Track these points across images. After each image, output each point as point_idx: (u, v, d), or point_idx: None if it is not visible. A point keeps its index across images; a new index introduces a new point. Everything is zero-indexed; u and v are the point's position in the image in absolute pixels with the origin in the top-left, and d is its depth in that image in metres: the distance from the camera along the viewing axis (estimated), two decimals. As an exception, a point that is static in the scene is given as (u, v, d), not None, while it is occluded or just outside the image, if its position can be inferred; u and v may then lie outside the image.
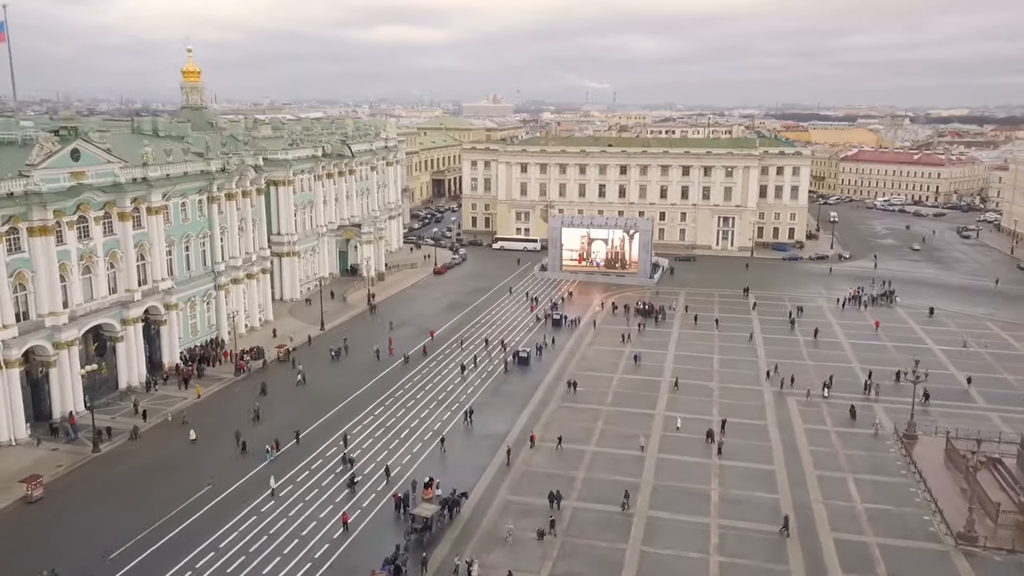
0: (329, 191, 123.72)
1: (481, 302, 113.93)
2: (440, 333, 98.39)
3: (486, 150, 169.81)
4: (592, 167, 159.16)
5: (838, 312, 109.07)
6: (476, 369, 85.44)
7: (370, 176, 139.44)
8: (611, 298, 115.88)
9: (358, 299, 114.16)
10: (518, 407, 74.75)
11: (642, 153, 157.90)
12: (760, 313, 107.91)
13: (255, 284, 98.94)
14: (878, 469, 62.67)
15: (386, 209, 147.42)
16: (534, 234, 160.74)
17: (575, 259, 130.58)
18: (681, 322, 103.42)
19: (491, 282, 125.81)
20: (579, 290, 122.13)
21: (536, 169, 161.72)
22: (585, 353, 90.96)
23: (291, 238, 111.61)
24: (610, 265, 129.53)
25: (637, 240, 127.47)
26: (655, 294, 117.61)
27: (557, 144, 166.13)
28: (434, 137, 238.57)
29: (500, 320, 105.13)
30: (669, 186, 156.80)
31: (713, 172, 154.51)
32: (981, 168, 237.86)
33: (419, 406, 75.26)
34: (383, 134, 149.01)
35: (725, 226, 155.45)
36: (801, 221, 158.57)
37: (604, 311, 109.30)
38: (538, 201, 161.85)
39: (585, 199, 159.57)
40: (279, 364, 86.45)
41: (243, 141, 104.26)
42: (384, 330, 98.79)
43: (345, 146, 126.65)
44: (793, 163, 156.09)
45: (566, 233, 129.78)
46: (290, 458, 63.76)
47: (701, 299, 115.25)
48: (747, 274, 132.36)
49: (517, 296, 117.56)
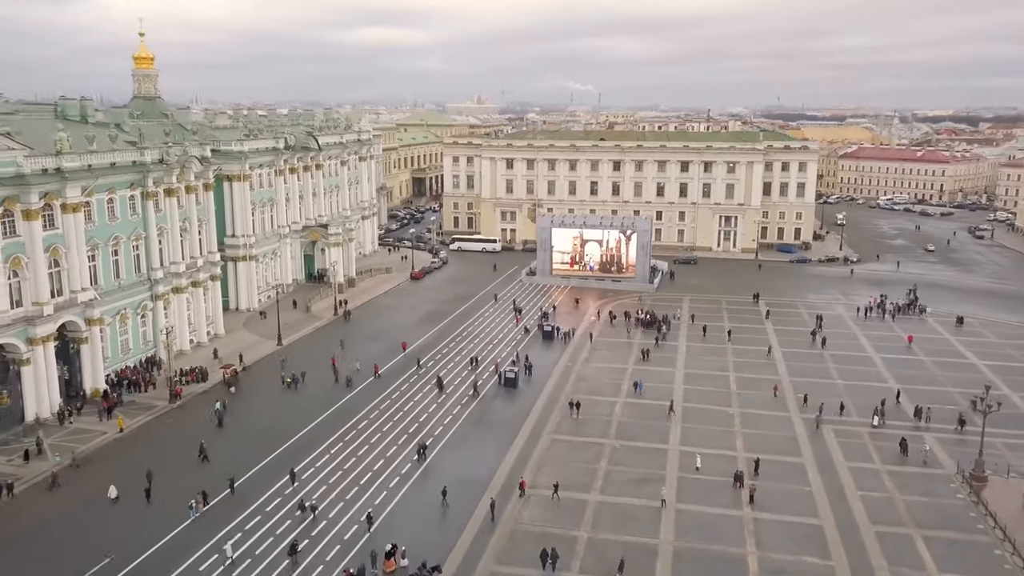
0: (292, 188, 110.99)
1: (463, 311, 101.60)
2: (415, 347, 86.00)
3: (469, 145, 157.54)
4: (583, 163, 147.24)
5: (861, 322, 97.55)
6: (456, 392, 73.13)
7: (340, 172, 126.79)
8: (608, 306, 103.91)
9: (323, 308, 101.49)
10: (504, 442, 62.44)
11: (637, 147, 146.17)
12: (775, 323, 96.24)
13: (202, 293, 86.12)
14: (948, 522, 50.90)
15: (359, 208, 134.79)
16: (522, 236, 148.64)
17: (566, 262, 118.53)
18: (688, 334, 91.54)
19: (474, 288, 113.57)
20: (571, 297, 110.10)
21: (523, 165, 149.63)
22: (582, 372, 78.83)
23: (247, 240, 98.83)
24: (605, 269, 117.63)
25: (635, 241, 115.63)
26: (656, 301, 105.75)
27: (545, 138, 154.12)
28: (414, 133, 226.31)
29: (484, 333, 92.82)
30: (667, 183, 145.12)
31: (714, 168, 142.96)
32: (986, 165, 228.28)
33: (386, 440, 62.77)
34: (355, 127, 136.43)
35: (727, 226, 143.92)
36: (808, 221, 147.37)
37: (601, 321, 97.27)
38: (525, 200, 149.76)
39: (576, 197, 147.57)
40: (226, 388, 73.72)
41: (191, 130, 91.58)
42: (358, 342, 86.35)
43: (311, 138, 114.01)
44: (800, 158, 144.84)
45: (556, 234, 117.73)
46: (221, 514, 51.18)
47: (707, 307, 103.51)
48: (755, 278, 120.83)
49: (503, 304, 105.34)
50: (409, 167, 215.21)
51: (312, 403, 70.00)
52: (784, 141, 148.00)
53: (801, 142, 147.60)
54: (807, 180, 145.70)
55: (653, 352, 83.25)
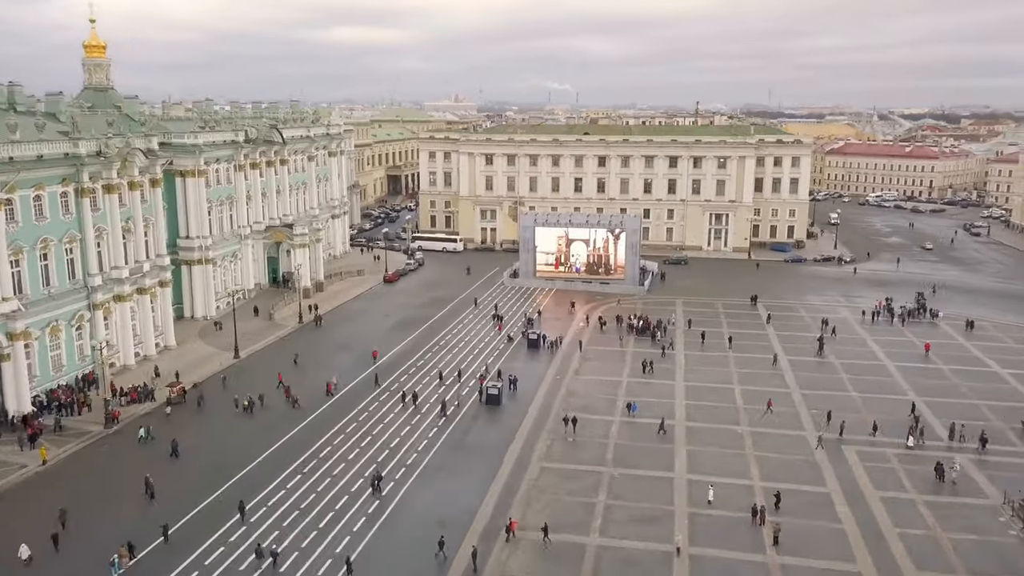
0: (255, 184, 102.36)
1: (440, 317, 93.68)
2: (388, 360, 78.03)
3: (446, 140, 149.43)
4: (566, 158, 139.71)
5: (869, 327, 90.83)
6: (433, 412, 65.24)
7: (307, 168, 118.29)
8: (597, 310, 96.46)
9: (288, 316, 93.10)
10: (487, 471, 54.65)
11: (623, 142, 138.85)
12: (777, 328, 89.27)
13: (149, 301, 77.51)
14: (1005, 566, 43.84)
15: (328, 207, 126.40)
16: (503, 235, 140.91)
17: (551, 264, 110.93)
18: (686, 341, 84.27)
19: (452, 291, 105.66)
20: (557, 301, 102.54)
21: (503, 161, 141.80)
22: (572, 387, 71.21)
23: (203, 242, 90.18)
24: (592, 270, 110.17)
25: (624, 241, 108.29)
26: (648, 305, 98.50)
27: (526, 132, 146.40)
28: (389, 129, 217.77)
29: (463, 342, 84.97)
30: (654, 179, 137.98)
31: (704, 163, 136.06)
32: (974, 161, 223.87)
33: (351, 472, 54.80)
34: (324, 120, 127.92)
35: (718, 224, 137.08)
36: (802, 218, 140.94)
37: (590, 327, 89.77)
38: (505, 197, 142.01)
39: (559, 195, 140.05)
40: (173, 408, 65.25)
41: (138, 121, 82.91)
42: (326, 352, 78.26)
43: (274, 131, 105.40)
44: (792, 152, 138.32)
45: (540, 233, 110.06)
46: (151, 570, 42.93)
47: (703, 311, 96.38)
48: (751, 279, 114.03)
49: (484, 309, 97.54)
50: (384, 164, 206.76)
51: (267, 428, 61.79)
52: (776, 135, 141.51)
53: (793, 136, 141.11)
54: (800, 176, 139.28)
55: (650, 362, 75.68)
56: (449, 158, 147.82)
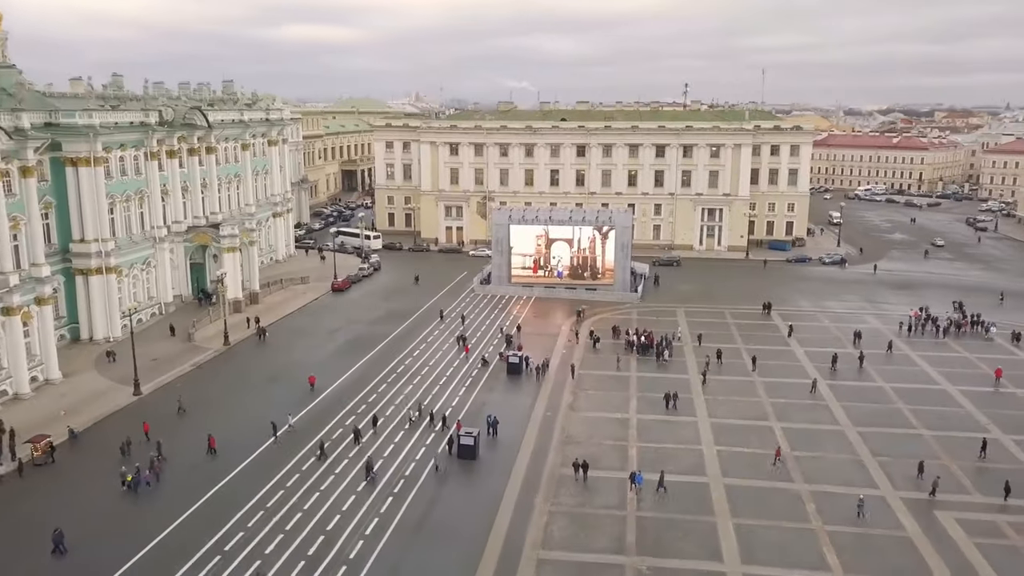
0: (173, 177, 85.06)
1: (399, 335, 77.53)
2: (331, 393, 61.72)
3: (404, 127, 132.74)
4: (541, 147, 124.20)
5: (909, 340, 76.82)
6: (388, 471, 49.15)
7: (241, 158, 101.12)
8: (585, 323, 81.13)
9: (211, 336, 76.14)
10: (459, 571, 38.73)
11: (605, 129, 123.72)
12: (803, 342, 74.84)
13: (19, 323, 60.12)
14: None
15: (268, 204, 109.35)
16: (470, 235, 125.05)
17: (529, 267, 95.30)
18: (699, 361, 69.27)
19: (413, 302, 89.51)
20: (538, 311, 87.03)
21: (469, 151, 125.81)
22: (569, 428, 55.62)
23: (103, 246, 72.69)
24: (576, 275, 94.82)
25: (613, 240, 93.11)
26: (644, 315, 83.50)
27: (496, 118, 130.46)
28: (344, 121, 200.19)
29: (426, 367, 68.93)
30: (640, 170, 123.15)
31: (695, 152, 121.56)
32: (962, 153, 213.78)
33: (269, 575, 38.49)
34: (263, 104, 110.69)
35: (711, 220, 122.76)
36: (802, 213, 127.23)
37: (580, 345, 74.37)
38: (473, 192, 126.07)
39: (534, 188, 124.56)
40: (35, 470, 48.28)
41: (13, 95, 65.42)
42: (253, 384, 61.66)
43: (197, 113, 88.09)
44: (792, 140, 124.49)
45: (516, 232, 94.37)
46: None
47: (710, 321, 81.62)
48: (755, 282, 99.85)
49: (451, 324, 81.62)
50: (338, 158, 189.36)
51: (157, 504, 45.08)
52: (773, 121, 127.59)
53: (792, 122, 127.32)
54: (800, 166, 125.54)
55: (674, 395, 60.29)
56: (408, 148, 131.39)
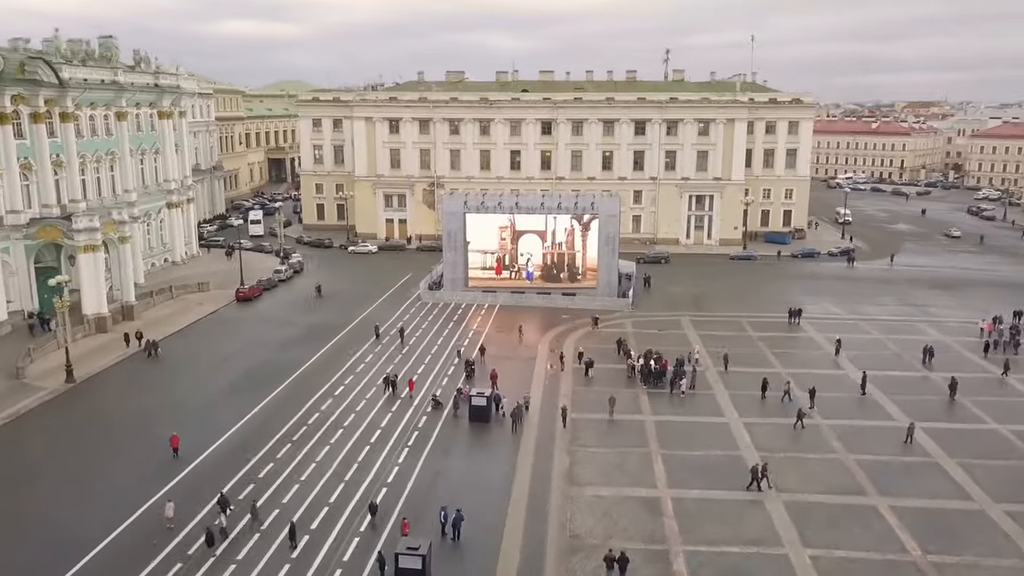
0: (6, 151, 62.62)
1: (316, 364, 56.63)
2: (203, 464, 40.69)
3: (335, 102, 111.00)
4: (499, 124, 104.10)
5: (992, 359, 58.91)
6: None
7: (118, 130, 78.61)
8: (568, 340, 61.41)
9: (48, 371, 54.17)
10: None
11: (575, 102, 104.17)
12: (855, 362, 56.21)
13: None
14: None
15: (160, 192, 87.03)
16: (416, 228, 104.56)
17: (491, 267, 75.23)
18: (733, 395, 50.09)
19: (341, 314, 68.68)
20: (503, 324, 67.00)
21: (413, 128, 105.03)
22: (572, 517, 35.61)
23: None
24: (551, 276, 75.10)
25: (596, 232, 73.72)
26: (640, 327, 64.18)
27: (445, 90, 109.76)
28: (272, 104, 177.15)
29: (352, 413, 48.28)
30: (616, 151, 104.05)
31: (681, 129, 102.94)
32: (942, 140, 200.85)
33: None
34: (149, 66, 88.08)
35: (699, 209, 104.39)
36: (802, 201, 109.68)
37: (568, 373, 54.50)
38: (418, 178, 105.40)
39: (490, 173, 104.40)
40: None
41: None
42: (92, 438, 40.30)
43: (41, 66, 65.53)
44: (790, 116, 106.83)
45: (474, 223, 74.21)
46: None
47: (729, 335, 62.77)
48: (764, 281, 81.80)
49: (390, 345, 61.02)
50: (264, 145, 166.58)
51: None
52: (768, 93, 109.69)
53: (791, 95, 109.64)
54: (800, 146, 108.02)
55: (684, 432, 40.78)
56: (340, 127, 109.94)
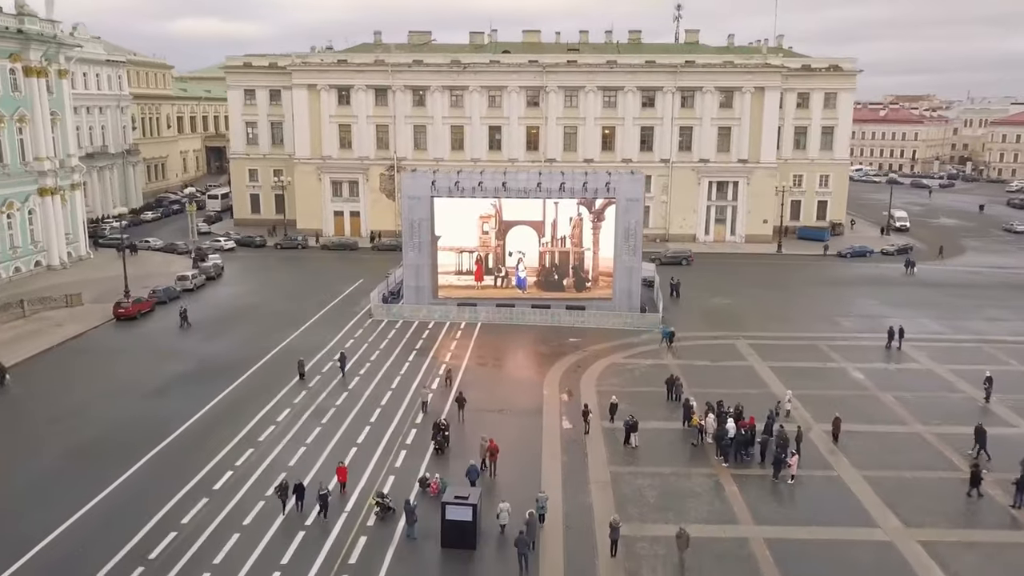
0: None
1: (199, 424, 35.93)
2: None
3: (271, 69, 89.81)
4: (475, 93, 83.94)
5: None
6: None
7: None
8: (588, 378, 41.44)
9: None
10: None
11: (568, 65, 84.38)
12: None
13: None
14: None
15: (28, 174, 65.48)
16: (373, 223, 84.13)
17: (469, 271, 54.91)
18: (872, 483, 30.49)
19: (257, 339, 48.03)
20: (486, 353, 46.84)
21: (367, 99, 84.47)
22: None
23: None
24: (551, 283, 55.00)
25: (611, 222, 53.81)
26: (682, 355, 44.52)
27: (407, 52, 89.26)
28: (211, 86, 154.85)
29: (228, 534, 27.78)
30: (619, 127, 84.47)
31: (698, 100, 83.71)
32: (951, 130, 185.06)
33: None
34: (12, 9, 66.51)
35: (721, 198, 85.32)
36: (840, 189, 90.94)
37: (595, 437, 34.47)
38: (374, 160, 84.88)
39: (463, 154, 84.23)
40: None
41: None
42: None
43: None
44: (827, 86, 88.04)
45: (445, 212, 53.91)
46: None
47: (811, 367, 43.63)
48: (816, 289, 62.74)
49: (317, 395, 40.56)
50: (201, 132, 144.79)
51: None
52: (798, 59, 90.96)
53: (827, 60, 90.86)
54: (838, 122, 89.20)
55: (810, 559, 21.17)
56: (278, 100, 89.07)
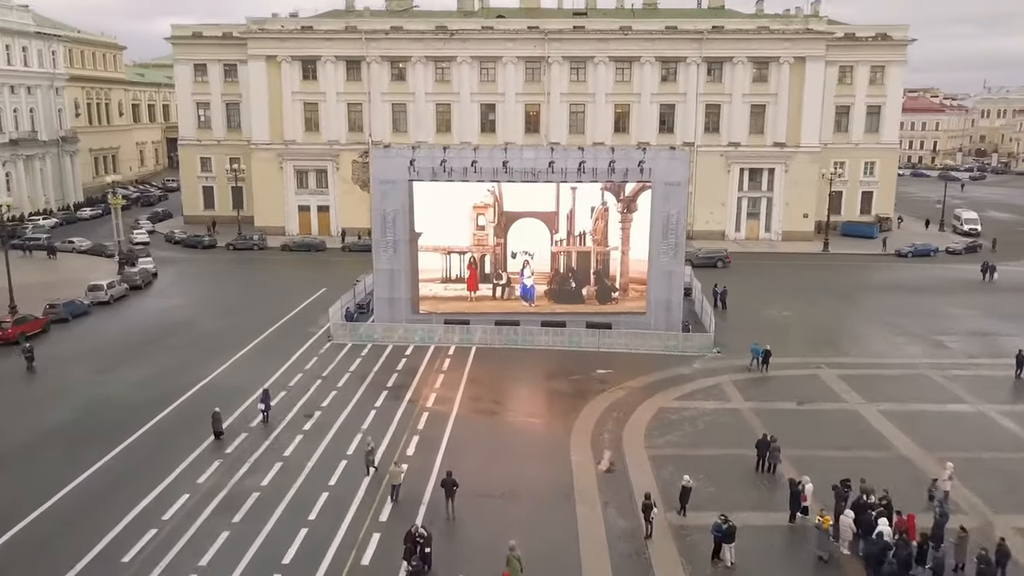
0: None
1: (57, 517, 22.83)
2: None
3: (225, 40, 76.63)
4: (464, 65, 70.96)
5: None
6: None
7: None
8: (633, 430, 28.62)
9: None
10: None
11: (574, 32, 71.60)
12: None
13: None
14: None
15: None
16: (344, 220, 71.06)
17: (459, 277, 41.92)
18: None
19: (172, 375, 34.91)
20: (486, 394, 33.91)
21: (338, 72, 71.37)
22: None
23: None
24: (566, 293, 42.09)
25: (644, 213, 41.00)
26: (742, 389, 31.83)
27: (385, 19, 76.15)
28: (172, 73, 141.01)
29: None
30: (634, 104, 71.70)
31: (727, 72, 71.09)
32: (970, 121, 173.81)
33: None
34: None
35: (754, 188, 72.77)
36: (888, 178, 78.52)
37: (661, 545, 21.67)
38: (345, 145, 71.76)
39: (451, 136, 71.22)
40: None
41: None
42: None
43: None
44: (874, 58, 75.63)
45: (428, 201, 40.97)
46: None
47: (935, 412, 30.68)
48: (884, 296, 50.20)
49: (239, 464, 27.52)
50: (161, 122, 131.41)
51: None
52: (839, 27, 78.59)
53: (874, 28, 78.64)
54: (887, 100, 76.71)
55: None
56: (234, 75, 75.99)
